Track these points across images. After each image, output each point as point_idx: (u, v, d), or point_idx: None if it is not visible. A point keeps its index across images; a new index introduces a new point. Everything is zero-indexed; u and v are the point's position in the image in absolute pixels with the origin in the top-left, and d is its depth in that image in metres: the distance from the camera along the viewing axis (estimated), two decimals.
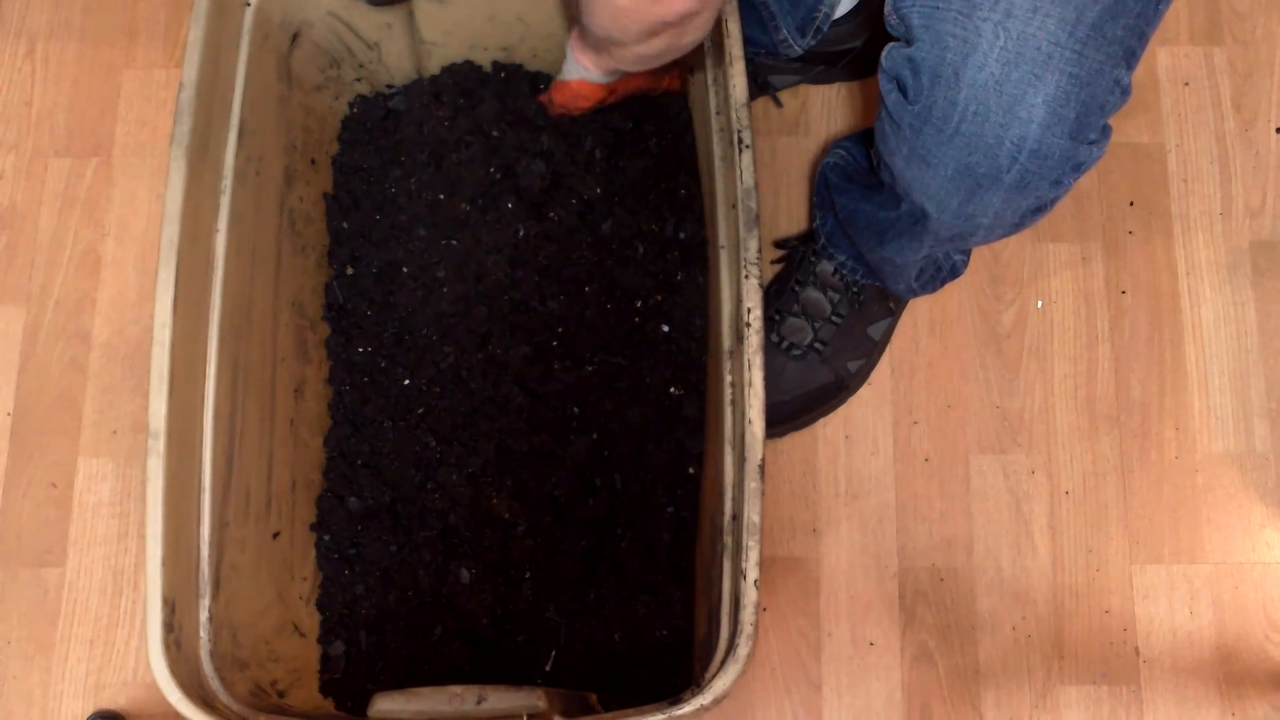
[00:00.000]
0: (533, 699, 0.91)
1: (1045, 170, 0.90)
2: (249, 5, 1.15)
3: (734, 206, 1.07)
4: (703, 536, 1.22)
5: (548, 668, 1.20)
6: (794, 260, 1.38)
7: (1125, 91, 0.90)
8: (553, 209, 1.32)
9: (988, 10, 0.86)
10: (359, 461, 1.26)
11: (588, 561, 1.23)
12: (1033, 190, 0.92)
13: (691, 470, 1.25)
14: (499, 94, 1.36)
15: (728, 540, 1.02)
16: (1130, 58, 0.90)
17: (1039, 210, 0.98)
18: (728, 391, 1.06)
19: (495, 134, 1.35)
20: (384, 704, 0.92)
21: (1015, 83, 0.86)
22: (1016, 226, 1.00)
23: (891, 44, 0.94)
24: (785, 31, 1.31)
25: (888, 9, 0.94)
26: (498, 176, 1.33)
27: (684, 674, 1.17)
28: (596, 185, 1.33)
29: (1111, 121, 0.91)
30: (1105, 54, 0.87)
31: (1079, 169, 0.91)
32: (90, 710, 1.30)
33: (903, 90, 0.93)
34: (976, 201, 0.95)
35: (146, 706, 1.30)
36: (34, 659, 1.32)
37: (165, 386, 0.97)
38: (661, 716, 0.90)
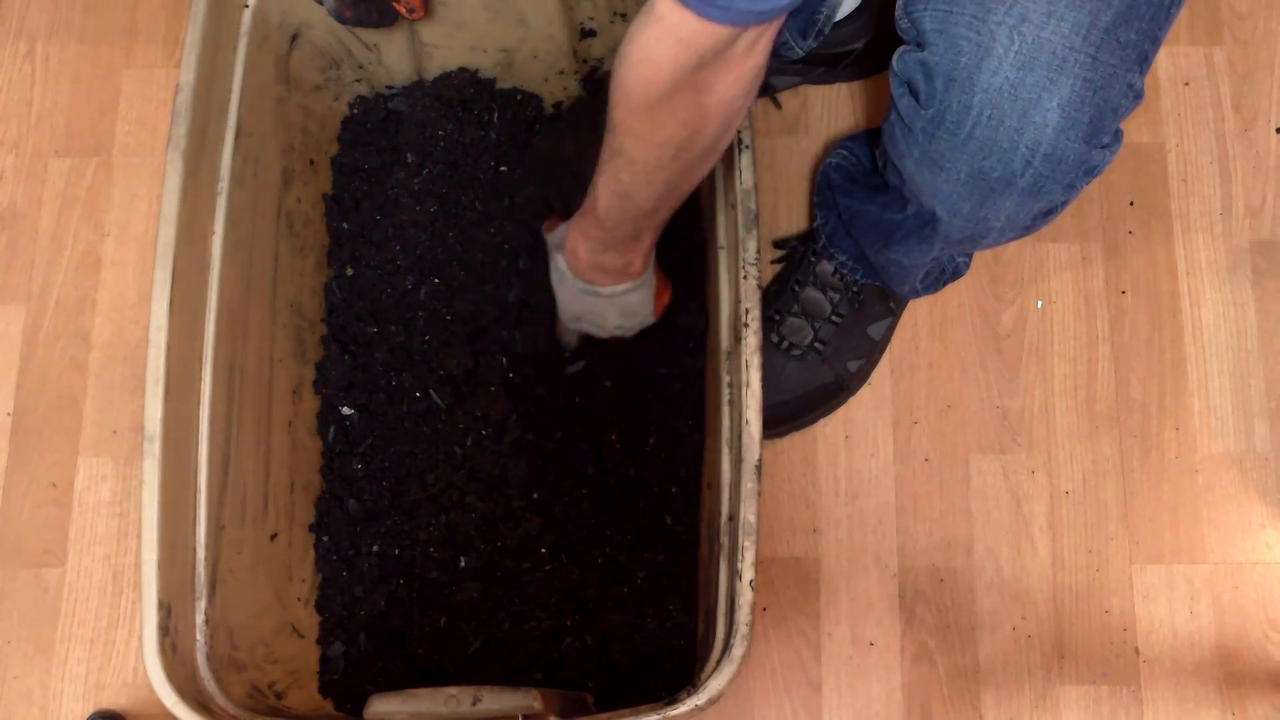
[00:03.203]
0: (528, 699, 0.91)
1: (1059, 174, 0.90)
2: (247, 7, 1.15)
3: (733, 207, 1.07)
4: (701, 537, 1.22)
5: (539, 675, 1.20)
6: (794, 260, 1.38)
7: (1138, 95, 0.90)
8: (553, 209, 1.33)
9: (1002, 14, 0.86)
10: (358, 463, 1.26)
11: (588, 564, 1.23)
12: (1046, 194, 0.92)
13: (683, 474, 1.26)
14: (500, 95, 1.36)
15: (724, 541, 1.02)
16: (1143, 61, 0.89)
17: (1050, 213, 0.98)
18: (725, 392, 1.06)
19: (495, 135, 1.35)
20: (380, 705, 0.92)
21: (1030, 87, 0.86)
22: (1027, 230, 1.00)
23: (903, 48, 0.94)
24: (787, 34, 1.30)
25: (898, 13, 0.93)
26: (499, 176, 1.33)
27: (687, 675, 1.17)
28: None
29: None
30: (1119, 58, 0.87)
31: (1092, 172, 0.91)
32: (90, 710, 1.30)
33: (914, 94, 0.93)
34: (989, 205, 0.95)
35: (147, 707, 1.30)
36: (34, 659, 1.32)
37: (161, 389, 0.97)
38: (656, 717, 0.90)
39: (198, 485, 1.03)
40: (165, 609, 0.95)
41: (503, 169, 1.34)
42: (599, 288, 1.13)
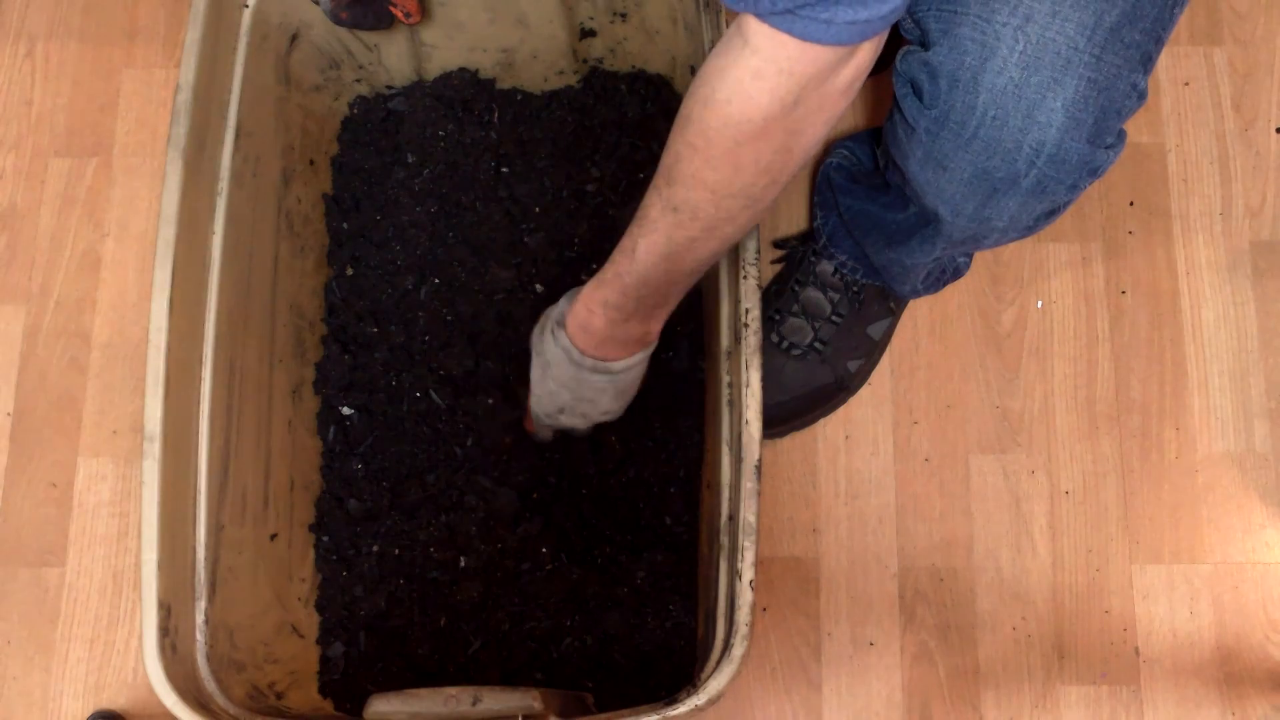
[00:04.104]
0: (528, 700, 0.91)
1: (1063, 174, 0.90)
2: (247, 7, 1.15)
3: None
4: (701, 537, 1.22)
5: (539, 675, 1.20)
6: (794, 260, 1.38)
7: (1142, 95, 0.90)
8: (552, 208, 1.32)
9: (1006, 15, 0.86)
10: (358, 463, 1.26)
11: (588, 564, 1.23)
12: (1049, 194, 0.92)
13: (683, 474, 1.26)
14: (499, 95, 1.36)
15: (724, 541, 1.02)
16: (1147, 62, 0.89)
17: (1053, 213, 0.98)
18: (725, 392, 1.05)
19: (495, 135, 1.35)
20: (380, 705, 0.92)
21: (1034, 87, 0.86)
22: (1029, 230, 1.00)
23: (907, 47, 0.94)
24: None
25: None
26: (499, 177, 1.33)
27: (687, 675, 1.17)
28: (597, 184, 1.33)
29: None
30: (1123, 58, 0.87)
31: (1095, 173, 0.91)
32: (90, 710, 1.30)
33: (918, 94, 0.93)
34: (993, 205, 0.95)
35: (146, 707, 1.30)
36: (34, 659, 1.32)
37: (161, 389, 0.97)
38: (656, 717, 0.90)
39: (198, 485, 1.03)
40: (165, 609, 0.95)
41: (503, 169, 1.34)
42: (610, 364, 1.04)
